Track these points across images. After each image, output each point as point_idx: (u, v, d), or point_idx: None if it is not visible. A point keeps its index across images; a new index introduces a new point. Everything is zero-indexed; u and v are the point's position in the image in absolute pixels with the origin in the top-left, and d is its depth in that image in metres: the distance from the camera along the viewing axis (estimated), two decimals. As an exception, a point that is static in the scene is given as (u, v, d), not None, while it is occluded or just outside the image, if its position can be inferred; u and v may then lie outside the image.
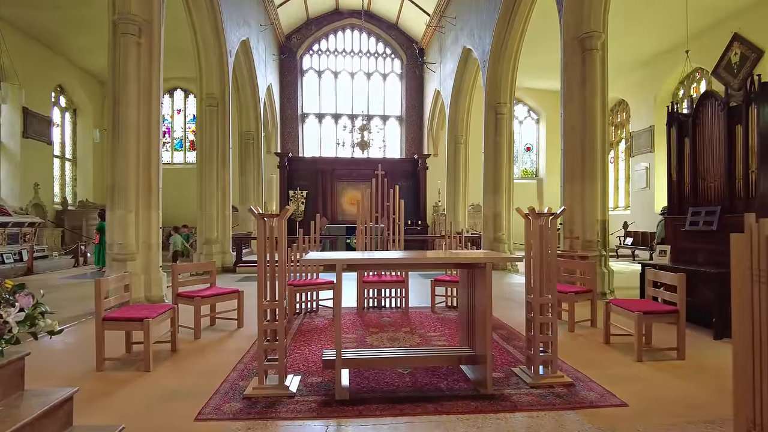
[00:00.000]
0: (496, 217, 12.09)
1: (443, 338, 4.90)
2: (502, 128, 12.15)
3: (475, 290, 3.58)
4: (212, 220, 11.33)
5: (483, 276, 3.37)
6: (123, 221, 6.73)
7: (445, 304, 6.66)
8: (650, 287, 4.78)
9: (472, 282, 3.67)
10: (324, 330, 5.30)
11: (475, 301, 3.60)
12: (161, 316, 4.11)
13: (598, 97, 7.87)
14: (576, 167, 7.93)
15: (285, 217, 3.41)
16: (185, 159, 19.89)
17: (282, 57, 20.01)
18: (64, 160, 16.91)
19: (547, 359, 3.69)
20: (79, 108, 17.48)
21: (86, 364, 3.98)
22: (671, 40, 14.62)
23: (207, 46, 11.15)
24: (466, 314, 3.82)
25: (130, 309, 4.20)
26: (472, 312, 3.67)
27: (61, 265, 12.37)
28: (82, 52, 15.57)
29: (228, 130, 11.56)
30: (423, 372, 3.75)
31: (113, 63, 6.85)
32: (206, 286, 5.49)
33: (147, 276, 6.95)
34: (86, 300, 7.15)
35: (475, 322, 3.60)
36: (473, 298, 3.65)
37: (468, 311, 3.77)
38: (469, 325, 3.76)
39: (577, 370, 3.90)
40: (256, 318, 5.98)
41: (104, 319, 3.86)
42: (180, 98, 19.80)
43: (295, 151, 20.46)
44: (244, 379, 3.65)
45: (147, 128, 6.95)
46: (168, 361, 4.15)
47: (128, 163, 6.77)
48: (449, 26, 16.19)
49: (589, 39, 7.81)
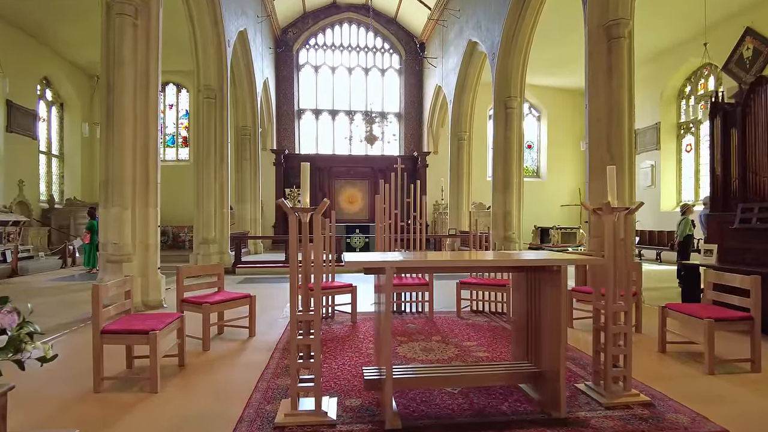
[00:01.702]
0: (506, 215, 11.64)
1: (482, 348, 4.40)
2: (512, 123, 11.71)
3: (540, 297, 3.09)
4: (209, 218, 10.74)
5: (554, 281, 2.88)
6: (118, 219, 6.14)
7: (470, 309, 6.17)
8: (709, 290, 4.32)
9: (534, 287, 3.17)
10: (346, 339, 4.78)
11: (539, 310, 3.11)
12: (168, 327, 3.55)
13: (625, 87, 7.44)
14: (602, 162, 7.47)
15: (321, 212, 2.88)
16: (177, 156, 19.20)
17: (279, 51, 19.40)
18: (51, 157, 16.12)
19: (620, 375, 3.21)
20: (66, 102, 16.70)
21: (81, 385, 3.41)
22: (678, 36, 14.30)
23: (205, 36, 10.55)
24: (524, 324, 3.32)
25: (131, 319, 3.64)
26: (535, 322, 3.18)
27: (47, 267, 11.67)
28: (70, 44, 14.84)
29: (226, 124, 10.97)
30: (476, 392, 3.25)
31: (106, 46, 6.25)
32: (213, 291, 4.94)
33: (144, 279, 6.38)
34: (77, 305, 6.55)
35: (540, 333, 3.11)
36: (536, 306, 3.16)
37: (528, 321, 3.27)
38: (529, 337, 3.26)
39: (645, 385, 3.43)
40: (268, 326, 5.52)
41: (103, 332, 3.30)
42: (172, 93, 19.08)
43: (291, 148, 19.86)
44: (270, 402, 3.11)
45: (144, 117, 6.37)
46: (176, 379, 3.60)
47: (124, 156, 6.18)
48: (452, 19, 15.72)
49: (615, 26, 7.37)
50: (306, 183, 2.93)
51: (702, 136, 15.34)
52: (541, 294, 3.07)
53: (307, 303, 2.92)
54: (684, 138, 16.02)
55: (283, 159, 19.05)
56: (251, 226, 15.57)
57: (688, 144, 15.87)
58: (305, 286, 2.94)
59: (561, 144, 20.94)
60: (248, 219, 15.56)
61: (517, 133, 11.73)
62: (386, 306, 2.72)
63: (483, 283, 5.77)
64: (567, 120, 20.89)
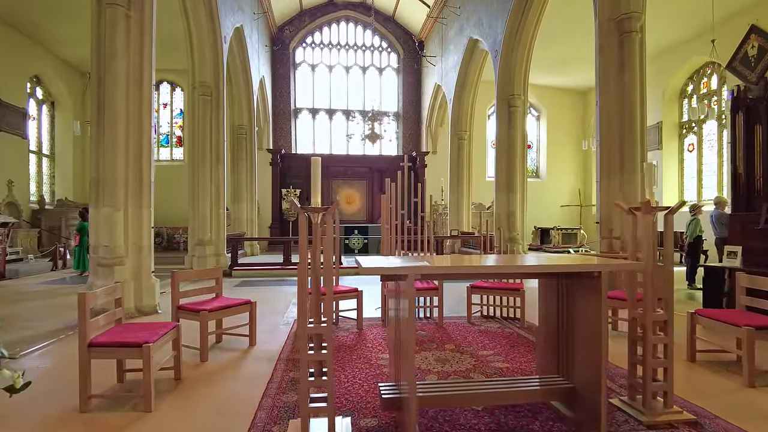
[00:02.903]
0: (509, 216, 11.37)
1: (500, 358, 4.11)
2: (515, 122, 11.46)
3: (574, 304, 2.81)
4: (205, 219, 10.40)
5: (594, 287, 2.60)
6: (109, 220, 5.81)
7: (481, 314, 5.88)
8: (743, 295, 4.06)
9: (566, 294, 2.89)
10: (353, 348, 4.47)
11: (573, 319, 2.82)
12: (163, 338, 3.24)
13: (637, 83, 7.19)
14: (614, 161, 7.21)
15: (333, 211, 2.59)
16: (171, 155, 18.83)
17: (275, 48, 19.07)
18: (41, 156, 15.73)
19: (659, 390, 2.93)
20: (58, 100, 16.31)
21: (67, 402, 3.10)
22: (679, 35, 14.11)
23: (201, 31, 10.22)
24: (553, 334, 3.04)
25: (123, 330, 3.33)
26: (567, 332, 2.90)
27: (37, 269, 11.29)
28: (62, 41, 14.46)
29: (222, 123, 10.64)
30: (502, 409, 2.96)
31: (97, 37, 5.91)
32: (211, 297, 4.63)
33: (137, 283, 6.04)
34: (67, 310, 6.21)
35: (574, 344, 2.82)
36: (568, 315, 2.87)
37: (558, 331, 2.99)
38: (560, 349, 2.98)
39: (684, 400, 3.16)
40: (269, 333, 5.18)
41: (91, 345, 2.98)
42: (166, 91, 18.71)
43: (287, 147, 19.53)
44: (276, 422, 2.81)
45: (138, 113, 6.04)
46: (172, 395, 3.29)
47: (116, 153, 5.84)
48: (453, 17, 15.45)
49: (627, 20, 7.11)
50: (317, 180, 2.63)
51: (705, 136, 15.17)
52: (576, 301, 2.79)
53: (318, 312, 2.62)
54: (686, 137, 15.84)
55: (279, 159, 18.72)
56: (247, 226, 15.23)
57: (690, 143, 15.69)
58: (317, 293, 2.64)
59: (560, 144, 20.74)
60: (244, 220, 15.21)
61: (520, 132, 11.48)
62: (409, 320, 2.42)
63: (495, 287, 5.48)
64: (566, 120, 20.71)
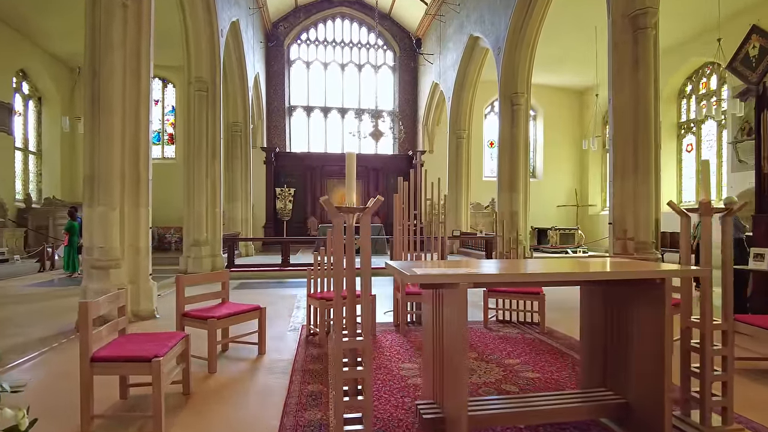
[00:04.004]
0: (512, 216, 11.18)
1: (528, 368, 3.87)
2: (518, 120, 11.28)
3: (627, 314, 2.57)
4: (201, 218, 10.04)
5: (655, 296, 2.36)
6: (105, 220, 5.48)
7: (497, 319, 5.65)
8: (782, 300, 3.87)
9: (617, 302, 2.66)
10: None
11: (626, 329, 2.59)
12: (173, 350, 2.95)
13: (651, 81, 7.02)
14: (628, 161, 7.04)
15: (372, 212, 2.33)
16: (163, 153, 18.38)
17: (270, 45, 18.71)
18: (28, 153, 15.21)
19: (718, 405, 2.70)
20: (45, 96, 15.79)
21: (66, 422, 2.80)
22: (678, 35, 14.01)
23: (197, 24, 9.87)
24: (600, 346, 2.80)
25: (127, 342, 3.02)
26: (619, 344, 2.66)
27: (24, 271, 10.86)
28: (51, 36, 13.97)
29: (219, 119, 10.30)
30: (546, 427, 2.71)
31: (92, 28, 5.56)
32: (217, 302, 4.33)
33: (135, 286, 5.71)
34: (58, 315, 5.86)
35: (627, 357, 2.59)
36: (619, 325, 2.64)
37: (606, 342, 2.75)
38: (607, 361, 2.74)
39: (739, 415, 2.93)
40: (278, 340, 4.84)
41: (94, 360, 2.68)
42: (158, 88, 18.25)
43: (281, 146, 19.18)
44: (303, 445, 2.54)
45: (135, 106, 5.72)
46: (183, 413, 3.00)
47: (111, 149, 5.51)
48: (452, 14, 15.23)
49: (642, 16, 6.93)
50: (352, 177, 2.36)
51: (704, 136, 15.12)
52: (631, 310, 2.55)
53: (353, 323, 2.35)
54: (684, 138, 15.79)
55: (273, 157, 18.37)
56: (242, 226, 14.87)
57: (688, 144, 15.64)
58: (352, 300, 2.36)
59: (557, 144, 20.63)
60: (239, 219, 14.85)
61: (523, 131, 11.29)
62: (460, 333, 2.16)
63: (514, 290, 5.25)
64: (563, 119, 20.60)
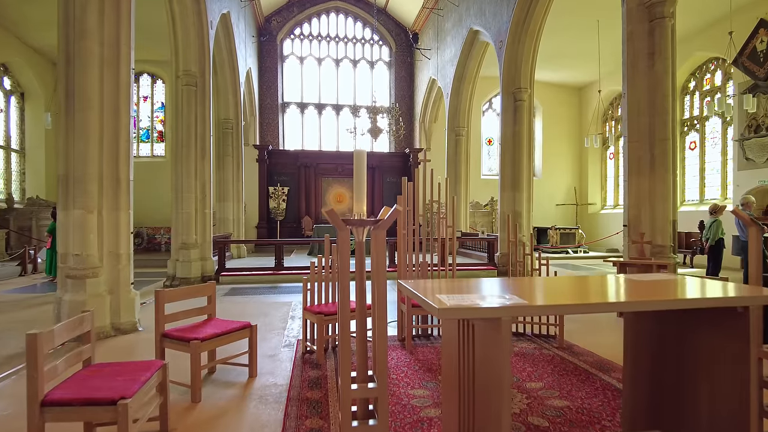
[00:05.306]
0: (515, 216, 10.75)
1: (555, 393, 3.43)
2: (521, 117, 10.84)
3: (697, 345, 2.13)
4: (190, 219, 9.52)
5: (735, 327, 1.93)
6: (81, 224, 4.99)
7: (509, 330, 5.21)
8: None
9: (678, 330, 2.22)
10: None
11: (696, 363, 2.15)
12: (145, 386, 2.47)
13: (669, 74, 6.62)
14: (644, 158, 6.63)
15: (388, 226, 1.87)
16: (152, 151, 17.80)
17: (262, 40, 18.16)
18: (10, 151, 14.60)
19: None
20: (28, 91, 15.18)
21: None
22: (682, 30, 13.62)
23: (185, 13, 9.33)
24: (648, 379, 2.36)
25: (90, 376, 2.54)
26: (678, 378, 2.22)
27: (4, 275, 10.32)
28: (33, 27, 13.34)
29: (208, 115, 9.78)
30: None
31: (65, 9, 5.08)
32: (203, 318, 3.86)
33: (114, 297, 5.22)
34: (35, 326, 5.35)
35: (692, 394, 2.15)
36: (682, 356, 2.20)
37: (659, 372, 2.31)
38: (659, 396, 2.31)
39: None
40: (270, 359, 4.24)
41: (45, 404, 2.20)
42: (147, 84, 17.67)
43: (274, 143, 18.66)
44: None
45: (114, 100, 5.21)
46: (158, 459, 2.54)
47: (88, 146, 5.02)
48: (450, 7, 14.78)
49: (660, 4, 6.55)
50: (361, 178, 1.90)
51: (708, 134, 14.79)
52: (695, 339, 2.12)
53: (365, 362, 1.90)
54: (688, 135, 15.45)
55: (266, 155, 17.84)
56: (234, 227, 14.35)
57: (692, 141, 15.31)
58: (362, 335, 1.91)
59: (556, 141, 20.25)
60: (230, 220, 14.33)
61: (527, 128, 10.87)
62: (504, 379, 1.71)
63: (529, 301, 4.81)
64: (563, 117, 20.22)
